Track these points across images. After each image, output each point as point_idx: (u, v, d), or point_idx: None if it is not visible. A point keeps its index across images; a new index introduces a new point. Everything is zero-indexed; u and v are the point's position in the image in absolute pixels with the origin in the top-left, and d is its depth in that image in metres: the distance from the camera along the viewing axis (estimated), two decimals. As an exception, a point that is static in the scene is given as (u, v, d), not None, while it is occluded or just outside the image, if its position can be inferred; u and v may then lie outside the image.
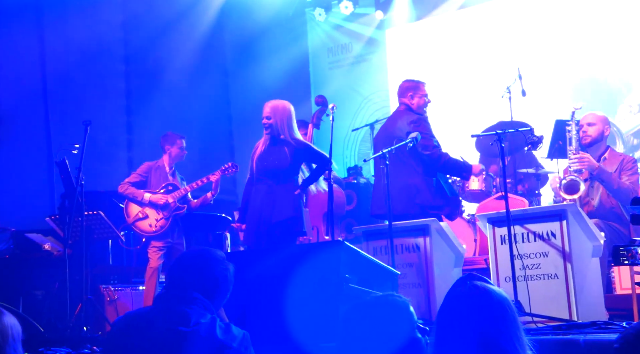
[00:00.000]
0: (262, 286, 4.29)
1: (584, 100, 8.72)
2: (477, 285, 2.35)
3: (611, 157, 6.12)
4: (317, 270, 4.22)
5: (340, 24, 11.62)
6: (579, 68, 9.29)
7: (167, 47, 10.72)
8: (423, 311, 5.60)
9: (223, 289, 2.99)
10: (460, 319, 2.29)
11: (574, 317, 4.89)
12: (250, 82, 11.11)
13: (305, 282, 4.15)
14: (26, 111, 9.54)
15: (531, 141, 7.08)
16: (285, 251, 5.25)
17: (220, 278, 2.97)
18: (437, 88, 9.98)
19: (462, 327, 2.28)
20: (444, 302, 2.38)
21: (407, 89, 6.63)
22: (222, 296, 3.01)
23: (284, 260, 4.46)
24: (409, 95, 6.57)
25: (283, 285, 4.21)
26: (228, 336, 2.76)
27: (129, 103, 10.59)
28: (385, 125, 6.73)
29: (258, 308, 4.29)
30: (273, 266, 4.39)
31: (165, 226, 7.54)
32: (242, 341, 2.79)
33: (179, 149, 7.81)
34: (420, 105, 6.58)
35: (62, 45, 9.85)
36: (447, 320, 2.34)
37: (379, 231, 5.96)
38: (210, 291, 2.93)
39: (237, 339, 2.77)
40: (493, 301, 2.30)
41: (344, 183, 9.08)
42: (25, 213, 8.74)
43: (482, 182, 7.70)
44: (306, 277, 4.18)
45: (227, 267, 3.02)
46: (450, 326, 2.31)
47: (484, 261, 6.41)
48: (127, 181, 7.71)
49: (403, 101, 6.62)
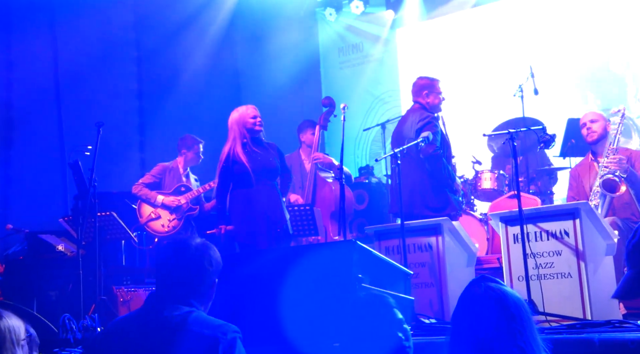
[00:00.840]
0: (275, 285, 4.28)
1: (597, 97, 8.71)
2: (491, 286, 2.36)
3: (619, 153, 6.13)
4: (330, 270, 4.21)
5: (351, 24, 11.61)
6: (592, 67, 9.25)
7: (179, 48, 10.75)
8: (436, 311, 5.60)
9: (209, 279, 2.88)
10: (475, 320, 2.31)
11: (588, 316, 4.86)
12: (261, 82, 11.12)
13: (318, 282, 4.15)
14: (39, 112, 9.58)
15: (543, 139, 7.05)
16: (298, 250, 5.26)
17: (204, 268, 2.86)
18: (449, 87, 9.91)
19: (477, 328, 2.29)
20: (459, 304, 2.40)
21: (423, 87, 6.60)
22: (209, 286, 2.90)
23: (297, 260, 4.46)
24: (425, 94, 6.56)
25: (296, 285, 4.21)
26: (215, 330, 2.67)
27: (141, 105, 10.62)
28: (399, 124, 6.72)
29: (270, 307, 4.29)
30: (286, 266, 4.38)
31: (177, 226, 7.58)
32: (230, 334, 2.69)
33: (195, 154, 7.87)
34: (436, 104, 6.58)
35: (74, 47, 9.89)
36: (462, 321, 2.36)
37: (391, 231, 5.95)
38: (197, 284, 2.84)
39: (226, 332, 2.68)
40: (508, 303, 2.31)
41: (354, 183, 9.08)
42: (38, 215, 8.79)
43: (495, 181, 7.68)
44: (318, 277, 4.18)
45: (210, 255, 2.90)
46: (465, 328, 2.33)
47: (496, 260, 6.39)
48: (141, 182, 7.76)
49: (417, 100, 6.60)
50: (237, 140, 6.18)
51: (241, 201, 6.14)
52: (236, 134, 6.20)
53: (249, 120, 6.24)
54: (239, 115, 6.28)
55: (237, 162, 6.12)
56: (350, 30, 11.66)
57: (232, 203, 6.16)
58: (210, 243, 2.97)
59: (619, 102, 8.80)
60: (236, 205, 6.15)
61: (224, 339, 2.64)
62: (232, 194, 6.17)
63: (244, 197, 6.14)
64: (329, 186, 7.33)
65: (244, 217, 6.12)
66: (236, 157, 6.12)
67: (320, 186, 7.41)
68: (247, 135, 6.22)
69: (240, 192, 6.15)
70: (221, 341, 2.63)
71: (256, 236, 6.09)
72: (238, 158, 6.12)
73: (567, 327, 4.32)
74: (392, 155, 5.79)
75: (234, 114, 6.33)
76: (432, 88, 6.60)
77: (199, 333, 2.65)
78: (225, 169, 6.15)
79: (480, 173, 7.81)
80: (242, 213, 6.12)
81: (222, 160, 6.18)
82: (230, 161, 6.14)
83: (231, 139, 6.21)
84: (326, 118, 7.52)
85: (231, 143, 6.19)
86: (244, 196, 6.14)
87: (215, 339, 2.63)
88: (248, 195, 6.13)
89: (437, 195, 6.32)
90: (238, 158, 6.12)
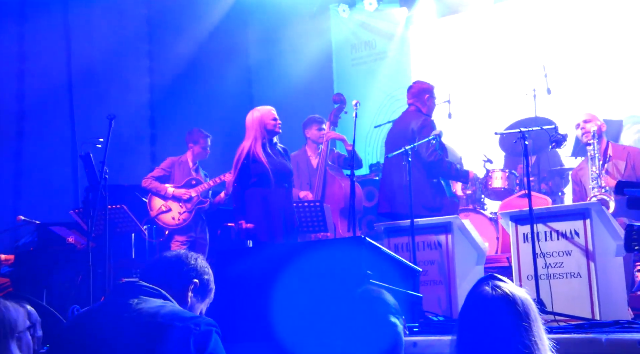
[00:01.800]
0: (284, 280, 4.29)
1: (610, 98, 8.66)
2: (499, 285, 2.36)
3: (616, 153, 6.14)
4: (339, 266, 4.22)
5: (364, 21, 11.58)
6: (605, 66, 9.19)
7: (191, 43, 10.76)
8: (444, 309, 5.59)
9: (185, 277, 2.80)
10: (483, 319, 2.30)
11: (597, 316, 4.85)
12: (273, 78, 11.12)
13: (326, 278, 4.15)
14: (51, 104, 9.63)
15: (555, 139, 7.03)
16: (307, 246, 5.27)
17: (181, 266, 2.80)
18: (461, 85, 9.96)
19: (484, 327, 2.29)
20: (466, 302, 2.40)
21: (425, 91, 6.75)
22: (184, 285, 2.80)
23: (306, 255, 4.46)
24: (426, 97, 6.71)
25: (304, 281, 4.21)
26: (186, 321, 2.54)
27: (153, 98, 10.65)
28: (396, 126, 6.75)
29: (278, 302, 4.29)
30: (295, 261, 4.39)
31: (188, 219, 7.62)
32: (203, 326, 2.56)
33: (201, 148, 7.89)
34: (432, 108, 6.77)
35: (87, 40, 9.93)
36: (469, 320, 2.36)
37: (401, 228, 5.95)
38: (172, 280, 2.77)
39: (199, 324, 2.55)
40: (515, 302, 2.31)
41: (363, 180, 9.08)
42: (49, 207, 8.83)
43: (505, 180, 7.67)
44: (327, 273, 4.18)
45: (190, 259, 2.85)
46: (473, 326, 2.33)
47: (506, 259, 6.39)
48: (150, 175, 7.80)
49: (416, 103, 6.69)
50: (257, 140, 6.19)
51: (259, 201, 6.14)
52: (257, 133, 6.20)
53: (270, 121, 6.26)
54: (261, 115, 6.28)
55: (257, 161, 6.12)
56: (364, 27, 11.63)
57: (250, 202, 6.15)
58: (200, 255, 2.91)
59: (634, 102, 8.79)
60: (254, 203, 6.15)
61: (197, 331, 2.52)
62: (249, 192, 6.16)
63: (262, 197, 6.14)
64: (338, 183, 7.34)
65: (263, 216, 6.13)
66: (256, 156, 6.13)
67: (330, 183, 7.41)
68: (267, 137, 6.23)
69: (258, 191, 6.14)
70: (193, 332, 2.51)
71: (275, 236, 6.11)
72: (258, 158, 6.13)
73: (575, 326, 4.31)
74: (403, 152, 5.82)
75: (255, 113, 6.32)
76: (432, 92, 6.78)
77: (169, 324, 2.52)
78: (245, 166, 6.14)
79: (491, 172, 7.80)
80: (261, 212, 6.13)
81: (242, 156, 6.17)
82: (250, 159, 6.14)
83: (252, 137, 6.21)
84: (336, 115, 7.53)
85: (252, 141, 6.19)
86: (262, 195, 6.14)
87: (187, 331, 2.51)
88: (266, 195, 6.14)
89: (434, 196, 6.34)
90: (258, 157, 6.13)
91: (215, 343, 2.55)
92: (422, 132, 6.37)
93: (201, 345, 2.50)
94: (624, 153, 6.13)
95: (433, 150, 6.26)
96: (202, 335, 2.52)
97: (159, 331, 2.50)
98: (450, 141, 8.23)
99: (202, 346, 2.50)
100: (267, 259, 4.67)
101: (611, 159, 6.12)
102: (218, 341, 2.57)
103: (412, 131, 6.44)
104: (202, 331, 2.52)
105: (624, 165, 6.05)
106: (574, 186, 6.47)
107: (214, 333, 2.56)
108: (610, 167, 6.12)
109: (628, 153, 6.14)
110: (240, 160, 6.17)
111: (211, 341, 2.53)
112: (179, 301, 2.76)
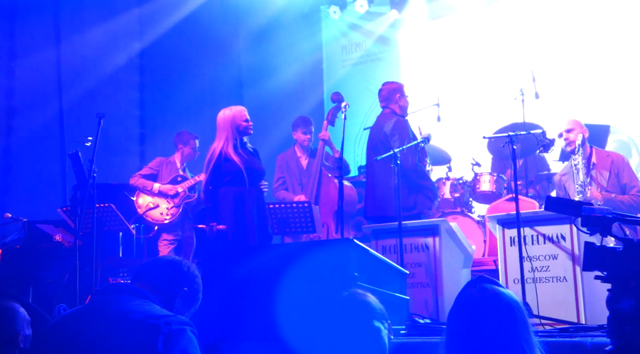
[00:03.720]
0: (272, 282, 4.30)
1: (597, 103, 8.71)
2: (487, 287, 2.38)
3: (600, 160, 6.16)
4: (326, 267, 4.23)
5: (355, 22, 11.61)
6: (593, 72, 9.24)
7: (183, 42, 10.75)
8: (431, 311, 5.61)
9: (174, 285, 2.82)
10: (472, 321, 2.33)
11: (582, 320, 4.88)
12: (263, 79, 11.12)
13: (314, 279, 4.16)
14: (40, 102, 9.59)
15: (543, 143, 7.07)
16: (295, 248, 5.27)
17: (172, 274, 2.82)
18: (450, 88, 9.99)
19: (472, 329, 2.31)
20: (455, 304, 2.42)
21: (395, 91, 6.79)
22: (174, 293, 2.81)
23: (294, 257, 4.47)
24: (397, 96, 6.74)
25: (292, 282, 4.22)
26: (158, 319, 2.51)
27: (143, 97, 10.63)
28: (372, 130, 6.79)
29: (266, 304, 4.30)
30: (282, 262, 4.40)
31: (176, 214, 7.63)
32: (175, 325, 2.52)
33: (191, 149, 7.91)
34: (405, 107, 6.79)
35: (77, 37, 9.89)
36: (457, 322, 2.38)
37: (388, 231, 5.97)
38: (160, 286, 2.77)
39: (170, 323, 2.51)
40: (503, 304, 2.34)
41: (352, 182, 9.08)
42: (37, 204, 8.80)
43: (493, 184, 7.70)
44: (315, 274, 4.19)
45: (184, 267, 2.87)
46: (462, 328, 2.35)
47: (493, 262, 6.41)
48: (138, 173, 7.87)
49: (389, 105, 6.73)
50: (229, 141, 6.12)
51: (233, 200, 6.08)
52: (229, 134, 6.13)
53: (242, 122, 6.19)
54: (232, 115, 6.20)
55: (229, 160, 6.06)
56: (354, 29, 11.65)
57: (223, 201, 6.09)
58: (193, 264, 2.92)
59: (621, 108, 8.84)
60: (227, 202, 6.08)
61: (167, 329, 2.47)
62: (222, 192, 6.09)
63: (236, 196, 6.08)
64: (334, 184, 7.29)
65: (236, 217, 6.06)
66: (228, 156, 6.06)
67: (325, 184, 7.38)
68: (238, 137, 6.18)
69: (232, 190, 6.08)
70: (163, 330, 2.46)
71: (247, 236, 6.05)
72: (230, 157, 6.06)
73: (560, 331, 4.34)
74: (392, 155, 5.85)
75: (226, 113, 6.24)
76: (402, 91, 6.80)
77: (141, 321, 2.49)
78: (217, 167, 6.07)
79: (479, 175, 7.83)
80: (233, 212, 6.06)
81: (214, 157, 6.10)
82: (222, 159, 6.07)
83: (223, 138, 6.13)
84: (334, 114, 7.50)
85: (223, 142, 6.11)
86: (235, 194, 6.08)
87: (156, 328, 2.46)
88: (240, 195, 6.08)
89: (408, 196, 6.36)
90: (230, 157, 6.06)
91: (188, 342, 2.51)
92: (395, 132, 6.39)
93: (171, 343, 2.45)
94: (608, 161, 6.14)
95: (412, 155, 6.26)
96: (173, 334, 2.47)
97: (130, 327, 2.48)
98: (439, 144, 8.27)
99: (172, 344, 2.46)
100: (254, 261, 4.68)
101: (595, 167, 6.15)
102: (191, 341, 2.53)
103: (384, 134, 6.48)
104: (172, 329, 2.48)
105: (607, 173, 6.07)
106: (557, 191, 6.50)
107: (187, 332, 2.52)
108: (594, 174, 6.15)
109: (612, 160, 6.16)
110: (213, 161, 6.10)
111: (182, 340, 2.48)
112: (166, 306, 2.74)
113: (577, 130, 6.26)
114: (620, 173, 6.05)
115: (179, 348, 2.46)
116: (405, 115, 6.72)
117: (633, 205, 5.93)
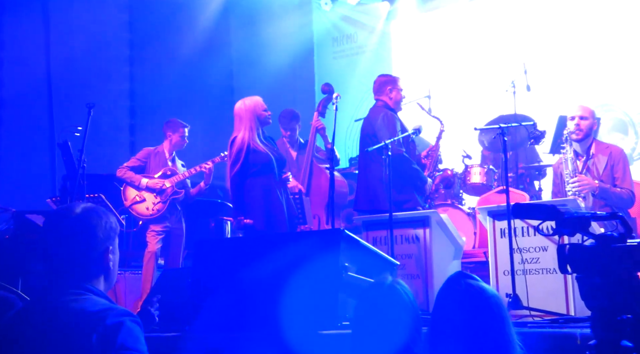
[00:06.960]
0: (261, 272, 4.29)
1: (590, 95, 8.71)
2: (469, 282, 2.44)
3: (598, 152, 6.13)
4: (317, 258, 4.23)
5: (346, 14, 11.58)
6: (584, 64, 9.26)
7: (173, 32, 10.70)
8: (421, 302, 5.61)
9: (94, 252, 2.46)
10: (454, 315, 2.38)
11: (572, 312, 4.90)
12: (254, 70, 11.09)
13: (304, 269, 4.16)
14: (30, 92, 9.54)
15: (534, 135, 7.08)
16: (285, 238, 5.27)
17: (89, 243, 2.44)
18: (442, 80, 10.00)
19: (455, 324, 2.36)
20: (438, 299, 2.48)
21: (386, 83, 6.70)
22: (99, 259, 2.48)
23: (284, 247, 4.47)
24: (388, 89, 6.64)
25: (281, 272, 4.22)
26: (90, 316, 2.28)
27: (133, 88, 10.59)
28: (363, 123, 6.76)
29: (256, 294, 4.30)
30: (273, 253, 4.39)
31: (162, 210, 7.55)
32: (111, 318, 2.28)
33: (180, 137, 7.82)
34: (398, 100, 6.67)
35: (67, 28, 9.85)
36: (440, 317, 2.43)
37: (379, 222, 5.96)
38: (84, 263, 2.43)
39: (105, 317, 2.28)
40: (485, 299, 2.39)
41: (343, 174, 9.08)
42: (26, 194, 8.76)
43: (484, 176, 7.71)
44: (305, 265, 4.19)
45: (94, 225, 2.47)
46: (444, 323, 2.40)
47: (483, 254, 6.42)
48: (125, 165, 7.74)
49: (381, 97, 6.68)
50: (253, 130, 6.10)
51: (261, 191, 6.05)
52: (252, 123, 6.11)
53: (262, 112, 6.20)
54: (254, 105, 6.19)
55: (257, 151, 6.04)
56: (345, 21, 11.63)
57: (250, 192, 6.04)
58: (99, 208, 2.53)
59: (613, 99, 8.87)
60: (256, 194, 6.04)
61: (101, 326, 2.26)
62: (249, 183, 6.05)
63: (264, 187, 6.05)
64: (325, 175, 7.27)
65: (266, 209, 6.04)
66: (255, 146, 6.04)
67: (316, 175, 7.36)
68: (260, 127, 6.18)
69: (260, 181, 6.05)
70: (96, 329, 2.25)
71: (279, 229, 6.03)
72: (257, 148, 6.05)
73: (550, 322, 4.35)
74: (383, 146, 5.84)
75: (246, 102, 6.22)
76: (394, 83, 6.70)
77: (75, 323, 2.27)
78: (247, 157, 6.03)
79: (469, 167, 7.84)
80: (264, 204, 6.04)
81: (244, 148, 6.03)
82: (250, 149, 6.04)
83: (247, 128, 6.09)
84: (325, 105, 7.46)
85: (248, 133, 6.08)
86: (263, 185, 6.06)
87: (89, 328, 2.25)
88: (269, 186, 6.06)
89: (400, 191, 6.33)
90: (257, 148, 6.05)
91: (128, 334, 2.29)
92: (381, 127, 6.36)
93: (109, 340, 2.25)
94: (607, 152, 6.11)
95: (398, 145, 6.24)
96: (109, 329, 2.26)
97: (64, 331, 2.28)
98: (430, 136, 8.26)
99: (109, 341, 2.25)
100: (244, 250, 4.68)
101: (593, 157, 6.12)
102: (132, 332, 2.31)
103: (372, 127, 6.47)
104: (107, 325, 2.26)
105: (604, 165, 6.05)
106: (554, 179, 6.46)
107: (126, 323, 2.30)
108: (591, 165, 6.13)
109: (610, 152, 6.11)
110: (243, 152, 6.02)
111: (121, 334, 2.26)
112: (98, 278, 2.47)
113: (591, 120, 6.14)
114: (615, 166, 6.03)
115: (119, 343, 2.25)
116: (397, 109, 6.65)
117: (624, 197, 5.93)
